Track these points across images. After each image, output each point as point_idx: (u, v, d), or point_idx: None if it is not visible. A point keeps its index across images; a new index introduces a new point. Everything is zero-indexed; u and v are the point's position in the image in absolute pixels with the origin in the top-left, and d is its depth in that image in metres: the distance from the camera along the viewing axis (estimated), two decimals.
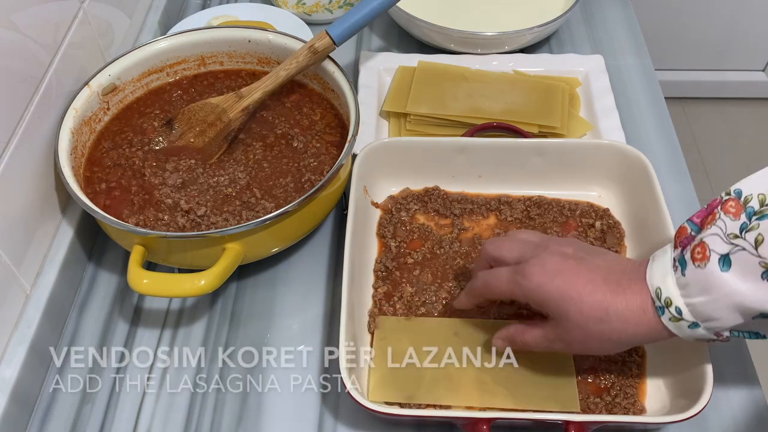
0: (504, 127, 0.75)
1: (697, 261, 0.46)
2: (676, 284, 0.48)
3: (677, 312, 0.48)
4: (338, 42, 0.69)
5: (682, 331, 0.49)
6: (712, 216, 0.47)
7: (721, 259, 0.45)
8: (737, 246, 0.45)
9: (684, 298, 0.47)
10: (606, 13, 0.96)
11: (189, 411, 0.60)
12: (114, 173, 0.67)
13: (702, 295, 0.46)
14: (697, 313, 0.47)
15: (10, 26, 0.59)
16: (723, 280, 0.45)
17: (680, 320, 0.48)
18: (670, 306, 0.48)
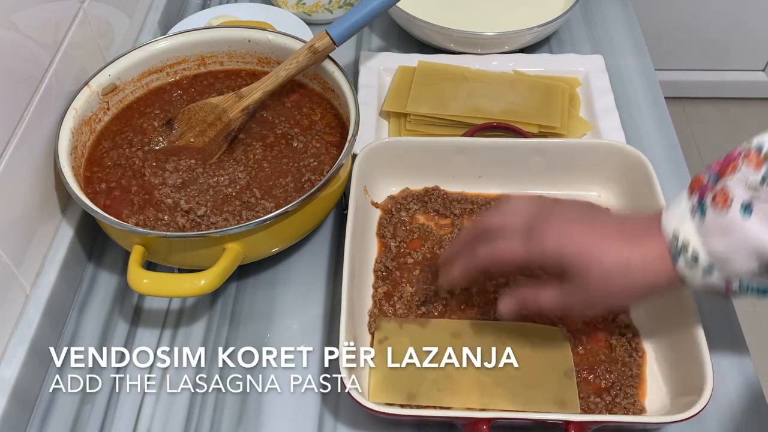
0: (504, 127, 0.75)
1: (718, 207, 0.47)
2: (695, 228, 0.48)
3: (693, 256, 0.48)
4: (338, 42, 0.69)
5: (694, 278, 0.49)
6: (732, 166, 0.48)
7: (743, 206, 0.46)
8: (759, 196, 0.46)
9: (702, 242, 0.47)
10: (606, 13, 0.96)
11: (189, 411, 0.60)
12: (114, 173, 0.67)
13: (721, 237, 0.47)
14: (714, 256, 0.47)
15: (10, 26, 0.59)
16: (744, 225, 0.46)
17: (696, 266, 0.48)
18: (687, 251, 0.48)
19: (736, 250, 0.47)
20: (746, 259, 0.47)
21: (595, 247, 0.51)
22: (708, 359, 0.55)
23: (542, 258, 0.53)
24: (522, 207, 0.56)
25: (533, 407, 0.57)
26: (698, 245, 0.48)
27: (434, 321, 0.63)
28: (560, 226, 0.52)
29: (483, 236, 0.56)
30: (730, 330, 0.64)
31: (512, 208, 0.56)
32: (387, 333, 0.62)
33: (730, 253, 0.47)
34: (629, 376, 0.60)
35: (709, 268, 0.48)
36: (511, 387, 0.58)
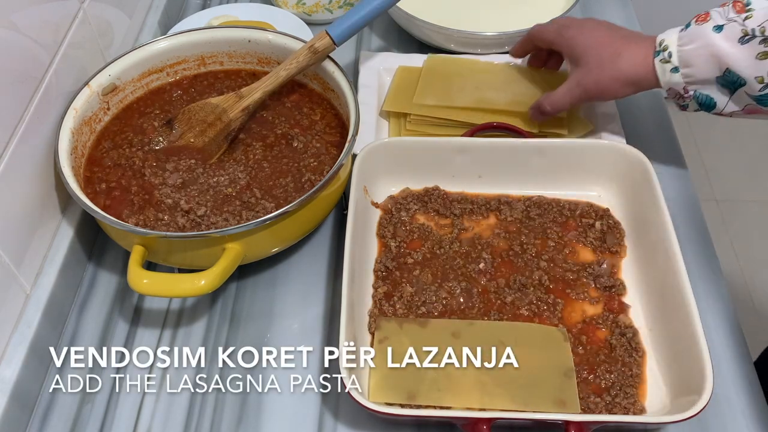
0: (504, 127, 0.75)
1: (699, 21, 0.62)
2: (676, 36, 0.64)
3: (668, 55, 0.64)
4: (338, 42, 0.69)
5: (665, 75, 0.64)
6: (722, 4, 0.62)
7: (716, 26, 0.61)
8: (731, 21, 0.60)
9: (678, 46, 0.63)
10: (606, 12, 0.96)
11: (189, 411, 0.60)
12: (114, 173, 0.67)
13: (691, 43, 0.62)
14: (682, 58, 0.63)
15: (10, 26, 0.59)
16: (711, 34, 0.61)
17: (667, 62, 0.64)
18: (665, 51, 0.64)
19: (700, 54, 0.62)
20: (705, 65, 0.62)
21: (599, 41, 0.69)
22: (708, 359, 0.55)
23: (560, 43, 0.72)
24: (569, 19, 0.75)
25: (533, 407, 0.57)
26: (673, 47, 0.63)
27: (434, 321, 0.63)
28: (584, 26, 0.71)
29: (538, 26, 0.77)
30: (730, 330, 0.64)
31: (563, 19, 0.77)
32: (387, 333, 0.62)
33: (695, 56, 0.62)
34: (629, 376, 0.60)
35: (675, 67, 0.63)
36: (511, 387, 0.58)
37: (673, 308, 0.60)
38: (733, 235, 1.74)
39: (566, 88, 0.71)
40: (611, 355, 0.61)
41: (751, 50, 0.59)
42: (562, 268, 0.67)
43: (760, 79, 0.60)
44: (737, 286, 1.64)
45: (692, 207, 0.74)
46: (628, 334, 0.62)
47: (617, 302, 0.65)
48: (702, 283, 0.67)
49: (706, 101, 0.64)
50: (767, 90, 0.60)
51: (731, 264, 1.67)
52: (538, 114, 0.74)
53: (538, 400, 0.58)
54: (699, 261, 0.69)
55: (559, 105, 0.72)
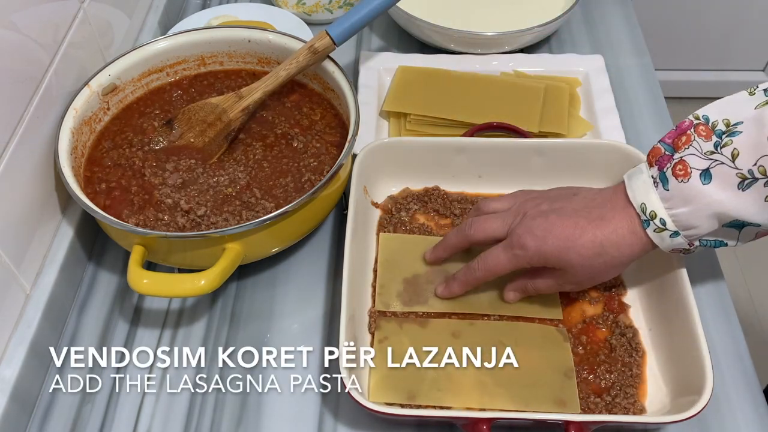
0: (504, 127, 0.75)
1: (680, 177, 0.53)
2: (659, 198, 0.54)
3: (662, 223, 0.54)
4: (338, 42, 0.69)
5: (663, 242, 0.55)
6: (686, 137, 0.54)
7: (702, 173, 0.52)
8: (716, 161, 0.51)
9: (668, 210, 0.53)
10: (606, 12, 0.96)
11: (189, 411, 0.60)
12: (114, 173, 0.67)
13: (685, 206, 0.53)
14: (680, 223, 0.53)
15: (10, 26, 0.59)
16: (705, 191, 0.52)
17: (664, 230, 0.54)
18: (654, 218, 0.54)
19: (699, 215, 0.52)
20: (707, 222, 0.53)
21: (570, 239, 0.56)
22: (708, 359, 0.55)
23: (527, 262, 0.59)
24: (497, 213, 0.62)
25: (533, 407, 0.57)
26: (664, 214, 0.54)
27: (434, 321, 0.63)
28: (534, 229, 0.58)
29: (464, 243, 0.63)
30: (730, 330, 0.64)
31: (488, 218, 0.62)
32: (387, 333, 0.62)
33: (694, 218, 0.53)
34: (629, 376, 0.60)
35: (675, 232, 0.54)
36: (511, 387, 0.58)
37: (673, 308, 0.60)
38: None
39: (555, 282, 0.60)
40: (611, 355, 0.61)
41: (757, 196, 0.51)
42: None
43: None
44: (737, 286, 1.64)
45: None
46: (628, 334, 0.62)
47: (617, 302, 0.64)
48: (702, 284, 0.67)
49: (715, 245, 0.56)
50: None
51: (731, 264, 1.67)
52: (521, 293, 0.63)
53: (538, 400, 0.58)
54: (699, 261, 0.69)
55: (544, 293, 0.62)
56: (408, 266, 0.66)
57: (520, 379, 0.59)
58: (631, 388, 0.59)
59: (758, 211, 0.51)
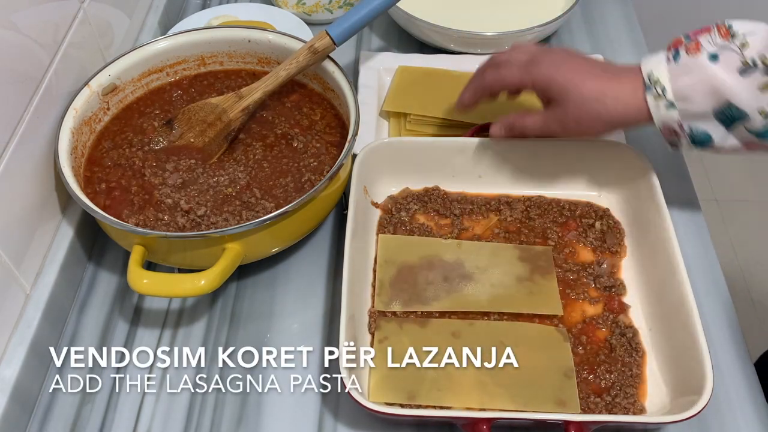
0: None
1: (691, 52, 0.57)
2: (667, 69, 0.58)
3: (661, 90, 0.58)
4: (338, 42, 0.69)
5: (658, 111, 0.58)
6: (706, 30, 0.59)
7: (711, 55, 0.57)
8: (726, 48, 0.56)
9: (671, 79, 0.57)
10: (606, 12, 0.96)
11: (189, 411, 0.60)
12: (114, 173, 0.67)
13: (687, 75, 0.57)
14: (678, 92, 0.57)
15: (10, 26, 0.59)
16: (709, 66, 0.56)
17: (661, 98, 0.58)
18: (657, 84, 0.58)
19: (697, 88, 0.56)
20: (703, 99, 0.56)
21: (579, 77, 0.61)
22: (708, 359, 0.55)
23: (533, 82, 0.63)
24: (527, 47, 0.66)
25: (533, 407, 0.57)
26: (666, 81, 0.58)
27: (434, 321, 0.63)
28: (554, 60, 0.63)
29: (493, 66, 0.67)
30: (730, 330, 0.64)
31: (519, 47, 0.67)
32: (387, 333, 0.62)
33: (692, 90, 0.57)
34: (629, 376, 0.60)
35: (671, 103, 0.58)
36: (511, 387, 0.58)
37: (673, 308, 0.60)
38: (733, 235, 1.74)
39: (542, 120, 0.65)
40: (611, 355, 0.61)
41: (753, 82, 0.55)
42: (562, 268, 0.67)
43: (762, 111, 0.56)
44: (737, 286, 1.64)
45: (692, 207, 0.74)
46: (628, 334, 0.62)
47: (617, 302, 0.64)
48: (702, 283, 0.67)
49: (701, 137, 0.59)
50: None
51: (731, 264, 1.67)
52: (507, 131, 0.68)
53: (538, 400, 0.58)
54: (699, 261, 0.69)
55: (530, 132, 0.66)
56: (407, 267, 0.66)
57: (520, 379, 0.59)
58: (631, 388, 0.59)
59: (750, 97, 0.55)
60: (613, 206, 0.71)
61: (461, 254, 0.67)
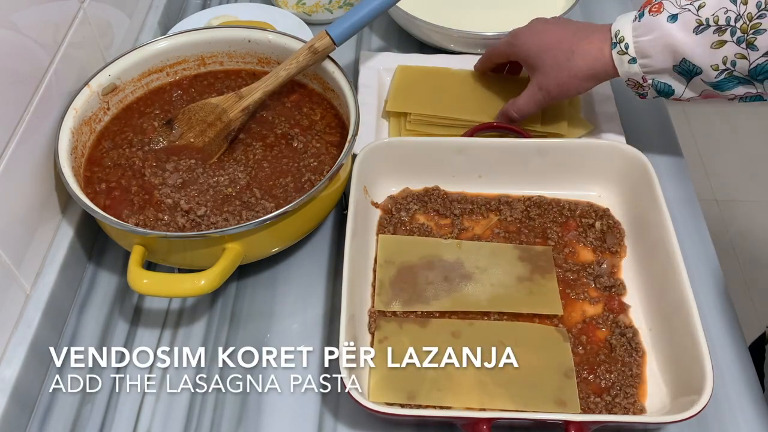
0: (504, 127, 0.75)
1: (653, 12, 0.63)
2: (631, 27, 0.64)
3: (625, 47, 0.64)
4: (338, 42, 0.69)
5: (622, 66, 0.65)
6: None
7: (671, 16, 0.62)
8: (685, 9, 0.61)
9: (633, 37, 0.64)
10: (606, 12, 0.96)
11: (189, 411, 0.60)
12: (114, 173, 0.67)
13: (647, 34, 0.63)
14: (639, 49, 0.64)
15: (10, 26, 0.59)
16: (667, 26, 0.62)
17: (624, 54, 0.64)
18: (621, 42, 0.64)
19: (656, 45, 0.62)
20: (662, 55, 0.63)
21: (552, 43, 0.69)
22: (708, 359, 0.55)
23: (514, 52, 0.73)
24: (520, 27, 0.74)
25: (533, 407, 0.57)
26: (629, 38, 0.64)
27: (434, 321, 0.63)
28: (532, 27, 0.72)
29: None
30: (730, 330, 0.64)
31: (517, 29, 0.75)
32: (387, 333, 0.62)
33: (651, 47, 0.63)
34: (629, 376, 0.60)
35: (633, 58, 0.64)
36: (511, 387, 0.58)
37: (673, 308, 0.60)
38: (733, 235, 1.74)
39: (529, 94, 0.71)
40: (611, 355, 0.61)
41: (706, 39, 0.61)
42: (562, 268, 0.67)
43: (715, 66, 0.61)
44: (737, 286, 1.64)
45: (692, 207, 0.74)
46: (628, 334, 0.62)
47: (617, 302, 0.65)
48: (702, 283, 0.67)
49: (664, 89, 0.65)
50: (722, 76, 0.62)
51: (731, 263, 1.67)
52: (506, 121, 0.74)
53: (538, 400, 0.58)
54: (699, 261, 0.69)
55: (525, 110, 0.72)
56: (408, 266, 0.66)
57: (520, 379, 0.59)
58: (631, 388, 0.59)
59: (702, 53, 0.61)
60: (613, 206, 0.71)
61: (461, 254, 0.67)
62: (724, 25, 0.60)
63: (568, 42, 0.68)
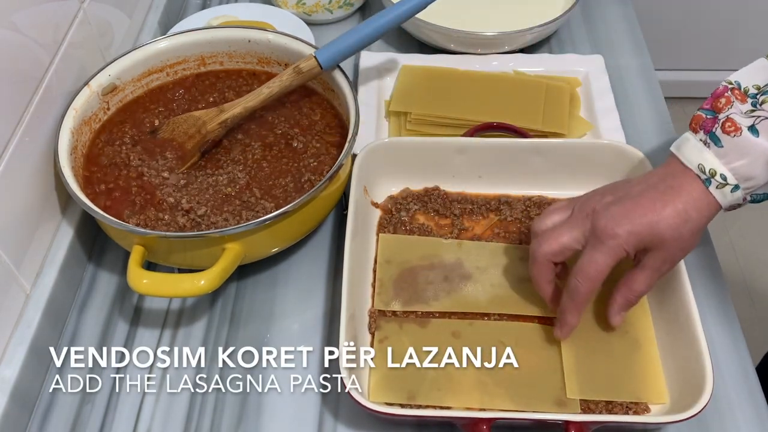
0: (504, 127, 0.75)
1: (731, 133, 0.55)
2: (715, 156, 0.56)
3: (722, 178, 0.56)
4: (325, 66, 0.68)
5: (726, 198, 0.56)
6: (726, 99, 0.58)
7: (749, 128, 0.55)
8: (758, 117, 0.55)
9: (726, 165, 0.55)
10: (606, 12, 0.96)
11: (189, 411, 0.60)
12: (112, 173, 0.67)
13: (742, 158, 0.55)
14: (739, 175, 0.55)
15: (10, 26, 0.59)
16: (756, 142, 0.54)
17: (725, 185, 0.56)
18: (715, 176, 0.56)
19: (756, 164, 0.55)
20: (764, 170, 0.55)
21: (654, 214, 0.56)
22: (708, 359, 0.55)
23: (624, 248, 0.56)
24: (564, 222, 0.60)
25: (533, 407, 0.57)
26: (724, 170, 0.55)
27: (434, 321, 0.63)
28: (615, 214, 0.57)
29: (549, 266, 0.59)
30: (730, 330, 0.64)
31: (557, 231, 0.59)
32: (387, 333, 0.62)
33: (752, 168, 0.55)
34: None
35: (735, 186, 0.56)
36: (511, 387, 0.58)
37: (673, 308, 0.60)
38: (733, 235, 1.74)
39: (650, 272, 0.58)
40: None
41: None
42: None
43: None
44: (737, 286, 1.64)
45: None
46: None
47: None
48: (702, 283, 0.67)
49: (761, 198, 0.58)
50: None
51: (731, 264, 1.67)
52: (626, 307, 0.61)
53: (538, 400, 0.58)
54: (699, 261, 0.69)
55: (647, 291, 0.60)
56: (408, 266, 0.66)
57: (520, 379, 0.59)
58: None
59: None
60: None
61: (461, 254, 0.67)
62: None
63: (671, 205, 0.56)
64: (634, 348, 0.61)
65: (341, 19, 0.94)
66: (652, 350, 0.60)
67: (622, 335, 0.61)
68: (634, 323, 0.62)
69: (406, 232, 0.69)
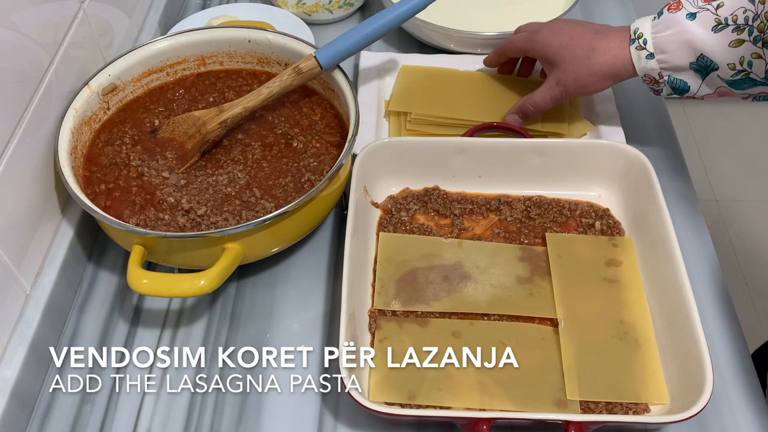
0: (504, 127, 0.75)
1: (672, 9, 0.65)
2: (650, 24, 0.66)
3: (643, 42, 0.66)
4: (325, 66, 0.68)
5: (640, 62, 0.66)
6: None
7: (689, 14, 0.64)
8: (703, 8, 0.63)
9: (652, 33, 0.65)
10: (606, 12, 0.96)
11: (189, 411, 0.60)
12: (112, 173, 0.67)
13: (666, 30, 0.64)
14: (657, 45, 0.65)
15: (10, 26, 0.59)
16: (685, 22, 0.63)
17: (642, 49, 0.66)
18: (640, 38, 0.66)
19: (674, 40, 0.64)
20: (679, 50, 0.64)
21: (572, 40, 0.70)
22: (708, 359, 0.55)
23: (533, 48, 0.74)
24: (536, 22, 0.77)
25: (533, 407, 0.57)
26: (648, 34, 0.66)
27: (434, 321, 0.63)
28: (552, 28, 0.73)
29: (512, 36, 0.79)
30: (730, 330, 0.64)
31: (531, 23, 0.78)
32: (387, 333, 0.62)
33: (669, 42, 0.64)
34: None
35: (651, 53, 0.65)
36: (511, 387, 0.58)
37: (673, 308, 0.60)
38: (733, 235, 1.74)
39: (546, 88, 0.72)
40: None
41: (724, 38, 0.62)
42: None
43: (732, 66, 0.62)
44: (737, 286, 1.64)
45: (692, 207, 0.74)
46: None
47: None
48: (702, 283, 0.67)
49: (679, 85, 0.66)
50: (739, 75, 0.63)
51: (731, 263, 1.67)
52: (522, 116, 0.75)
53: (538, 400, 0.58)
54: (699, 261, 0.69)
55: (541, 105, 0.73)
56: (408, 266, 0.66)
57: (520, 379, 0.59)
58: None
59: (720, 50, 0.62)
60: (613, 206, 0.71)
61: (461, 254, 0.67)
62: (743, 24, 0.61)
63: (589, 39, 0.69)
64: (634, 348, 0.61)
65: (341, 19, 0.94)
66: (652, 350, 0.60)
67: (622, 335, 0.61)
68: (634, 323, 0.62)
69: (406, 231, 0.69)
